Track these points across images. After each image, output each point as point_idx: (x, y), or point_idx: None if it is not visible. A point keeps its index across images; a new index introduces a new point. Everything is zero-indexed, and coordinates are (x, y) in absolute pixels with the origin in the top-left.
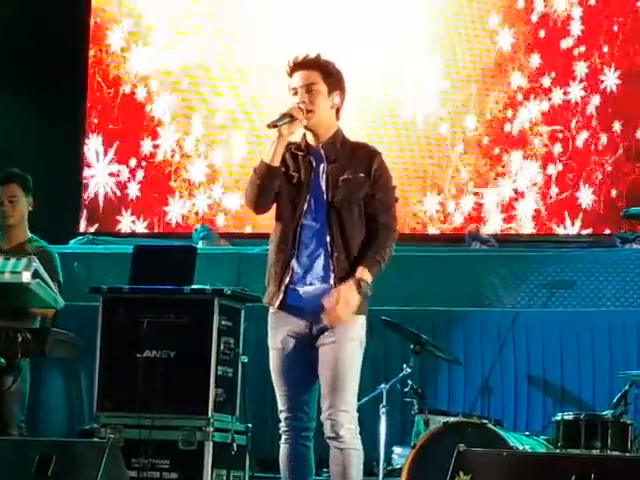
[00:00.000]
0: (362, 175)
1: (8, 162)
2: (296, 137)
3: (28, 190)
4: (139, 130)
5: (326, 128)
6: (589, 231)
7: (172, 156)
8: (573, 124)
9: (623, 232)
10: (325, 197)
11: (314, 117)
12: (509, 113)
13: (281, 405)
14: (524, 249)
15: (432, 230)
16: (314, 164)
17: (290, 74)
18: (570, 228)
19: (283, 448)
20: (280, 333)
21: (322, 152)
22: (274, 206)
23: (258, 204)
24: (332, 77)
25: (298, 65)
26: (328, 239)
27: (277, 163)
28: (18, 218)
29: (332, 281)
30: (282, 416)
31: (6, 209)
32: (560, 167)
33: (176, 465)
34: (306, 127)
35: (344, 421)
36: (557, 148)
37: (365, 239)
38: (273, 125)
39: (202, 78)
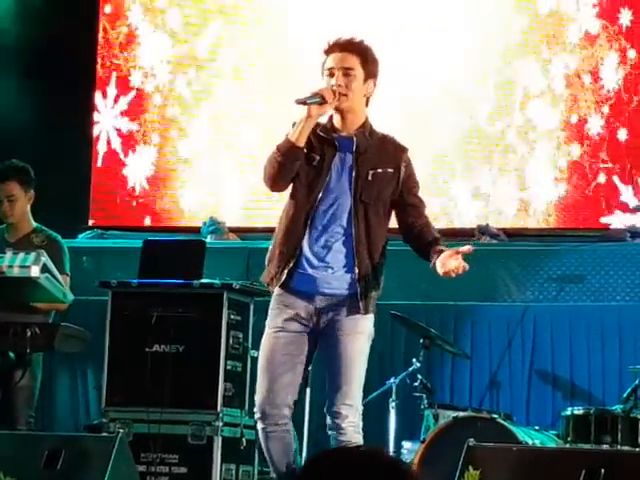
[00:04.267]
0: (391, 171)
1: (16, 155)
2: (322, 118)
3: (28, 184)
4: (147, 122)
5: (355, 115)
6: (598, 225)
7: (181, 149)
8: (588, 117)
9: (633, 226)
10: (352, 189)
11: (347, 101)
12: (521, 107)
13: (260, 386)
14: (534, 243)
15: (441, 224)
16: (339, 150)
17: (327, 53)
18: (581, 222)
19: (261, 437)
20: (283, 314)
21: (354, 140)
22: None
23: (276, 182)
24: (370, 64)
25: (339, 46)
26: (353, 231)
27: (302, 144)
28: (18, 216)
29: (356, 276)
30: (258, 398)
31: (5, 209)
32: (572, 160)
33: (185, 460)
34: (336, 109)
35: (348, 414)
36: (569, 142)
37: (418, 228)
38: (302, 102)
39: (211, 69)
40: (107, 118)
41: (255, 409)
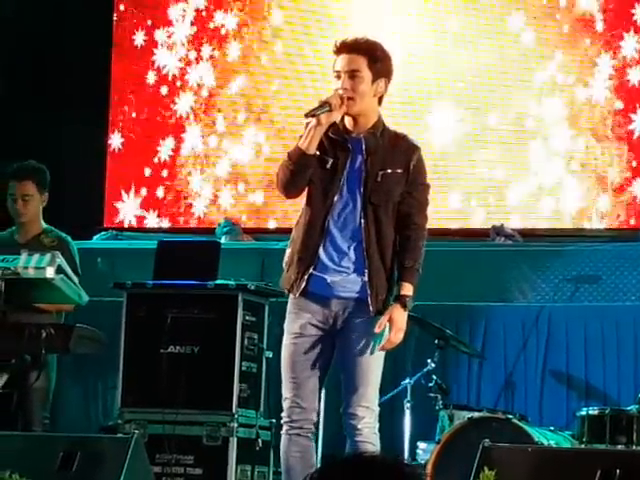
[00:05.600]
0: (400, 171)
1: (31, 156)
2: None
3: (43, 186)
4: (163, 126)
5: (367, 116)
6: (613, 225)
7: (196, 150)
8: (597, 119)
9: None
10: (362, 191)
11: (355, 106)
12: (532, 109)
13: (287, 392)
14: (548, 244)
15: (455, 225)
16: (351, 152)
17: (336, 55)
18: (594, 223)
19: (284, 439)
20: (300, 319)
21: (363, 142)
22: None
23: (289, 190)
24: (378, 63)
25: (344, 47)
26: (363, 234)
27: (313, 151)
28: (30, 216)
29: (367, 277)
30: (286, 404)
31: (19, 207)
32: (583, 163)
33: (200, 461)
34: (350, 114)
35: (365, 415)
36: (580, 144)
37: (399, 240)
38: (311, 114)
39: (226, 73)
40: (123, 125)
41: (283, 414)
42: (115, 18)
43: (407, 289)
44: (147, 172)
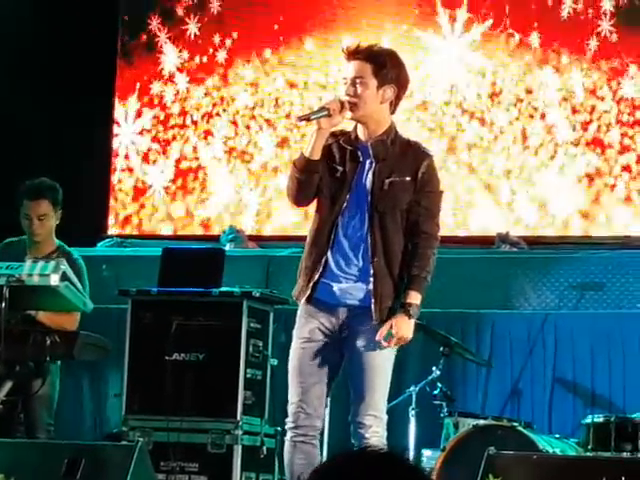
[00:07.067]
0: (408, 179)
1: (32, 165)
2: (348, 128)
3: (58, 204)
4: (167, 130)
5: (376, 123)
6: (618, 233)
7: (200, 158)
8: (608, 125)
9: None
10: (369, 198)
11: (359, 111)
12: (537, 116)
13: (293, 397)
14: (554, 251)
15: (461, 232)
16: (361, 160)
17: (347, 60)
18: (600, 230)
19: (288, 446)
20: (310, 324)
21: (370, 149)
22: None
23: (298, 198)
24: (384, 70)
25: (351, 54)
26: (370, 242)
27: (317, 157)
28: (45, 235)
29: (371, 285)
30: (291, 409)
31: (35, 227)
32: (589, 171)
33: (205, 468)
34: (355, 119)
35: (372, 424)
36: (586, 153)
37: (407, 249)
38: (306, 119)
39: (229, 77)
40: (127, 133)
41: (287, 419)
42: (121, 22)
43: (412, 297)
44: (152, 179)
